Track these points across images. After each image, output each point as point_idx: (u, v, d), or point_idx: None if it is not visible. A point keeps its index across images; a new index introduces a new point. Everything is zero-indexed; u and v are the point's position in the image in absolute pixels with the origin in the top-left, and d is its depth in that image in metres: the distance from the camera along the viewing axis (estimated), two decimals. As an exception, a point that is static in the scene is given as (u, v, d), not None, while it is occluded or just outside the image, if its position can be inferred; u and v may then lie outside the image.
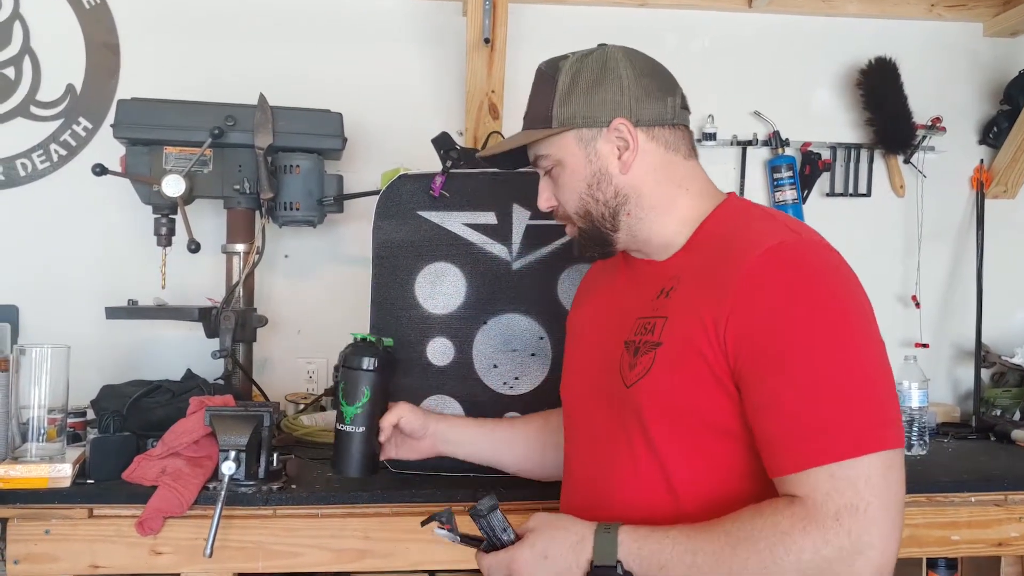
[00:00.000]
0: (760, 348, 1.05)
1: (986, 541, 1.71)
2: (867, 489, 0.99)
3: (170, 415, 1.67)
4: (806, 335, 1.04)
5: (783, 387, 1.04)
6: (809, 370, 1.03)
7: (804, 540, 1.00)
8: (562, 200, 1.27)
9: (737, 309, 1.07)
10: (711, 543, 1.05)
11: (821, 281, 1.08)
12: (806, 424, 1.02)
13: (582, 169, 1.22)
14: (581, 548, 1.11)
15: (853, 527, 0.99)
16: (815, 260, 1.10)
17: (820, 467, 1.01)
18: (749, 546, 1.02)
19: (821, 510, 1.00)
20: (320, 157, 2.03)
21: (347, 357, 1.50)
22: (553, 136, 1.23)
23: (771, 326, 1.05)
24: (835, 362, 1.03)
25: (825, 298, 1.06)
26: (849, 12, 2.48)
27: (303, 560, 1.54)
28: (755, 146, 2.46)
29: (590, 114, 1.21)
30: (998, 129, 2.50)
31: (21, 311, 2.19)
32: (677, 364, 1.11)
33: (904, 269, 2.51)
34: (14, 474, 1.49)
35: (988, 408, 2.32)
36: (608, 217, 1.23)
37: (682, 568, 1.06)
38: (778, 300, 1.06)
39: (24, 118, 2.24)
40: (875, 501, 0.99)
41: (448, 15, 2.35)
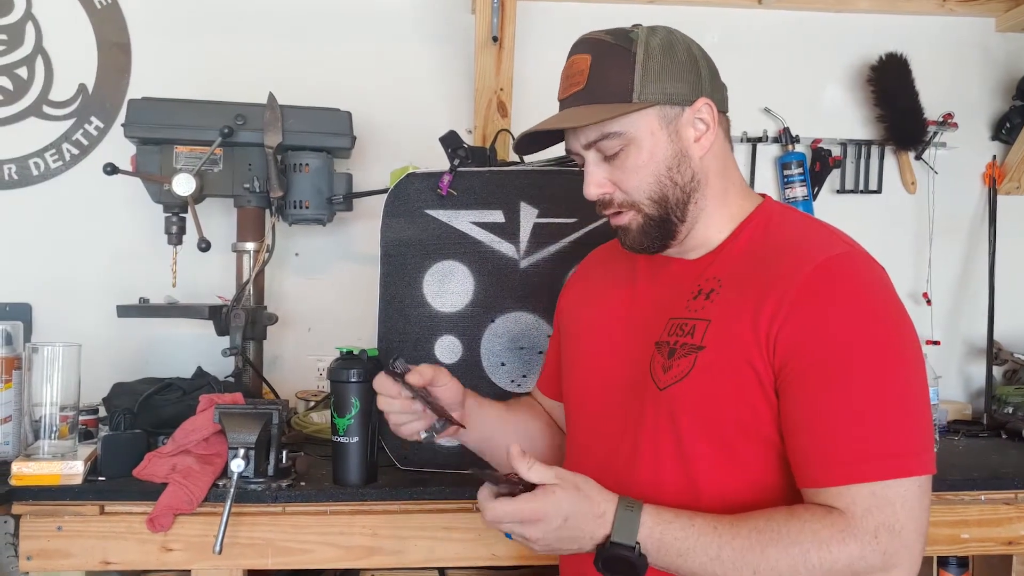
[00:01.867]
0: (810, 359, 1.04)
1: (996, 539, 1.70)
2: (904, 512, 1.00)
3: (181, 413, 1.69)
4: (858, 351, 1.04)
5: (830, 400, 1.03)
6: (858, 386, 1.03)
7: (840, 551, 1.00)
8: (630, 185, 1.16)
9: (791, 318, 1.05)
10: (739, 538, 1.03)
11: (876, 298, 1.07)
12: (852, 439, 1.02)
13: (663, 149, 1.14)
14: (601, 522, 1.06)
15: (888, 547, 1.00)
16: (870, 276, 1.09)
17: (864, 484, 1.01)
18: (781, 548, 1.01)
19: (860, 525, 1.00)
20: (329, 155, 2.04)
21: (333, 371, 1.55)
22: (632, 113, 1.13)
23: (823, 338, 1.04)
24: (885, 381, 1.03)
25: (879, 316, 1.06)
26: (860, 8, 2.47)
27: (312, 557, 1.55)
28: (765, 143, 2.45)
29: (675, 91, 1.14)
30: (1010, 125, 2.48)
31: (34, 309, 2.21)
32: (722, 370, 1.09)
33: (915, 266, 2.50)
34: (27, 471, 1.51)
35: (1000, 406, 2.30)
36: (681, 204, 1.16)
37: (704, 558, 1.04)
38: (832, 313, 1.05)
39: (37, 118, 2.26)
40: (910, 524, 1.01)
41: (457, 13, 2.35)
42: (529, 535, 1.07)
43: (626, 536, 1.05)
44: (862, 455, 1.02)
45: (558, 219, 1.69)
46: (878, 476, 1.01)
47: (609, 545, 1.05)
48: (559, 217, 1.69)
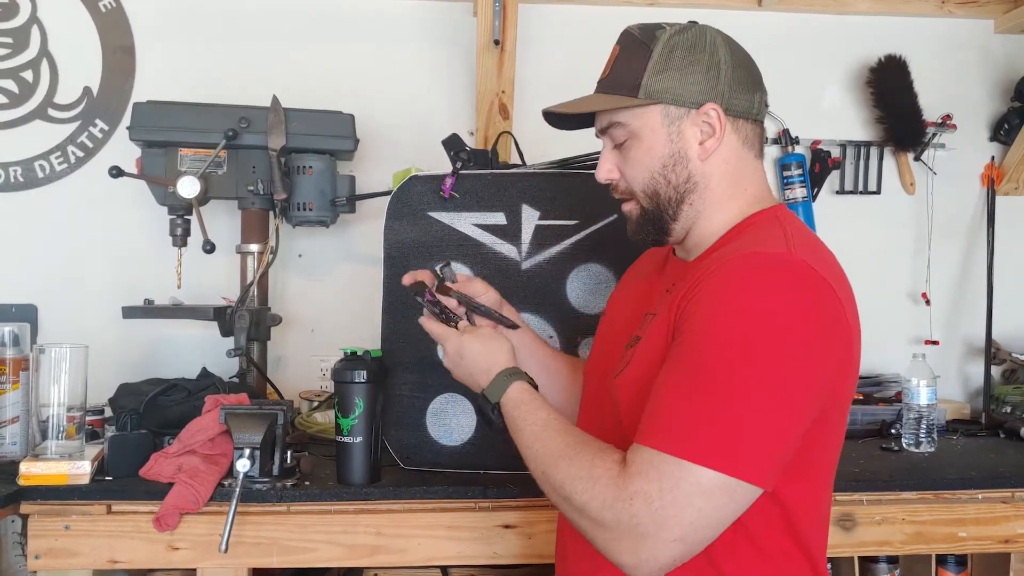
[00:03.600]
0: (686, 334, 1.05)
1: (993, 538, 1.71)
2: (669, 492, 0.98)
3: (186, 413, 1.70)
4: (721, 333, 1.02)
5: (683, 372, 1.03)
6: (703, 366, 1.02)
7: (599, 492, 1.03)
8: (629, 175, 1.20)
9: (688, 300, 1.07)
10: (551, 441, 1.14)
11: (771, 295, 1.03)
12: (667, 407, 1.02)
13: (660, 147, 1.17)
14: (485, 376, 1.26)
15: (639, 514, 0.99)
16: (783, 275, 1.05)
17: (648, 448, 1.01)
18: (566, 464, 1.09)
19: (631, 483, 1.00)
20: (332, 158, 2.05)
21: (337, 372, 1.56)
22: (637, 107, 1.17)
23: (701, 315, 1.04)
24: (731, 373, 1.00)
25: (764, 312, 1.01)
26: (859, 10, 2.48)
27: (316, 555, 1.57)
28: (765, 144, 2.45)
29: (682, 92, 1.15)
30: (1009, 126, 2.50)
31: (39, 310, 2.23)
32: (649, 359, 1.12)
33: (914, 266, 2.51)
34: (35, 471, 1.53)
35: (998, 405, 2.32)
36: (674, 202, 1.18)
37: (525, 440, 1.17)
38: (718, 296, 1.04)
39: (42, 120, 2.28)
40: (670, 505, 0.98)
41: (458, 16, 2.36)
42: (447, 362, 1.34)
43: (491, 394, 1.25)
44: (662, 424, 1.02)
45: (560, 221, 1.70)
46: (662, 447, 0.99)
47: (480, 395, 1.27)
48: (561, 219, 1.70)
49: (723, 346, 1.01)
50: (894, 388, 2.28)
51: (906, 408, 1.99)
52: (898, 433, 2.02)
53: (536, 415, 1.19)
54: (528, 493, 1.55)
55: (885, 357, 2.44)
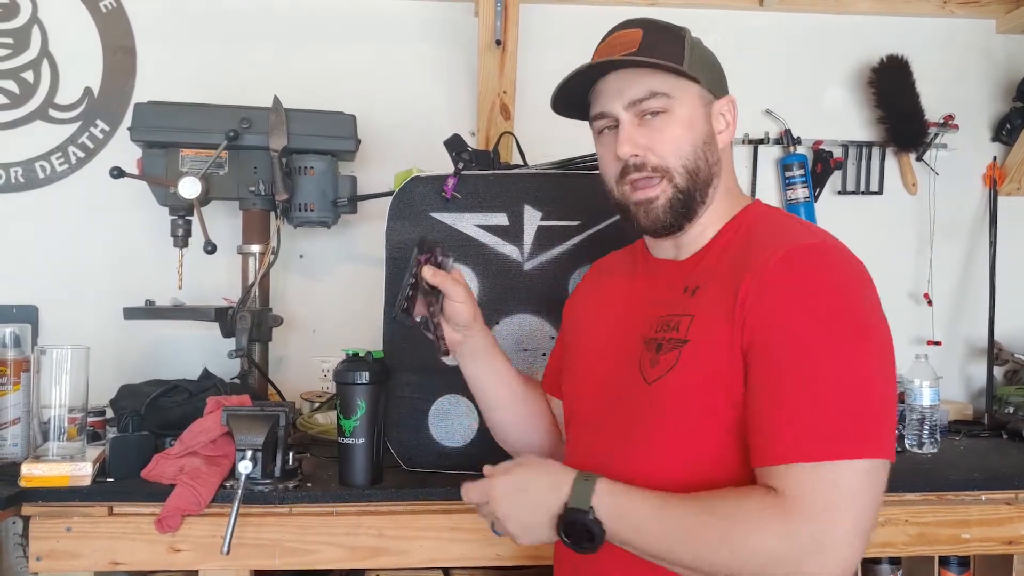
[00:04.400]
0: (771, 340, 1.06)
1: (997, 539, 1.71)
2: (843, 494, 0.99)
3: (187, 414, 1.70)
4: (819, 333, 1.04)
5: (785, 380, 1.04)
6: (815, 368, 1.03)
7: (772, 528, 1.00)
8: (667, 149, 1.18)
9: (757, 303, 1.07)
10: (683, 514, 1.06)
11: (843, 284, 1.08)
12: (799, 420, 1.02)
13: (700, 125, 1.20)
14: (558, 491, 1.10)
15: (821, 527, 0.99)
16: (839, 263, 1.10)
17: (802, 464, 1.01)
18: (719, 526, 1.03)
19: (796, 505, 1.00)
20: (334, 158, 2.05)
21: (339, 373, 1.56)
22: (680, 79, 1.18)
23: (782, 322, 1.05)
24: (841, 365, 1.03)
25: (845, 302, 1.06)
26: (861, 10, 2.48)
27: (318, 557, 1.56)
28: (767, 144, 2.46)
29: (715, 81, 1.23)
30: (1011, 126, 2.49)
31: (40, 311, 2.23)
32: (704, 361, 1.11)
33: (916, 267, 2.51)
34: (36, 473, 1.52)
35: (1000, 406, 2.32)
36: (706, 184, 1.20)
37: (651, 530, 1.06)
38: (797, 295, 1.06)
39: (43, 121, 2.27)
40: (847, 507, 0.99)
41: (460, 16, 2.36)
42: (498, 512, 1.14)
43: (581, 502, 1.08)
44: (804, 436, 1.01)
45: (562, 222, 1.70)
46: (819, 457, 1.00)
47: (567, 511, 1.09)
48: (563, 220, 1.70)
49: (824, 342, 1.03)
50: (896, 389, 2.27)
51: (908, 409, 1.98)
52: (901, 434, 2.02)
53: (643, 496, 1.09)
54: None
55: (887, 358, 2.43)
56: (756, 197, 2.43)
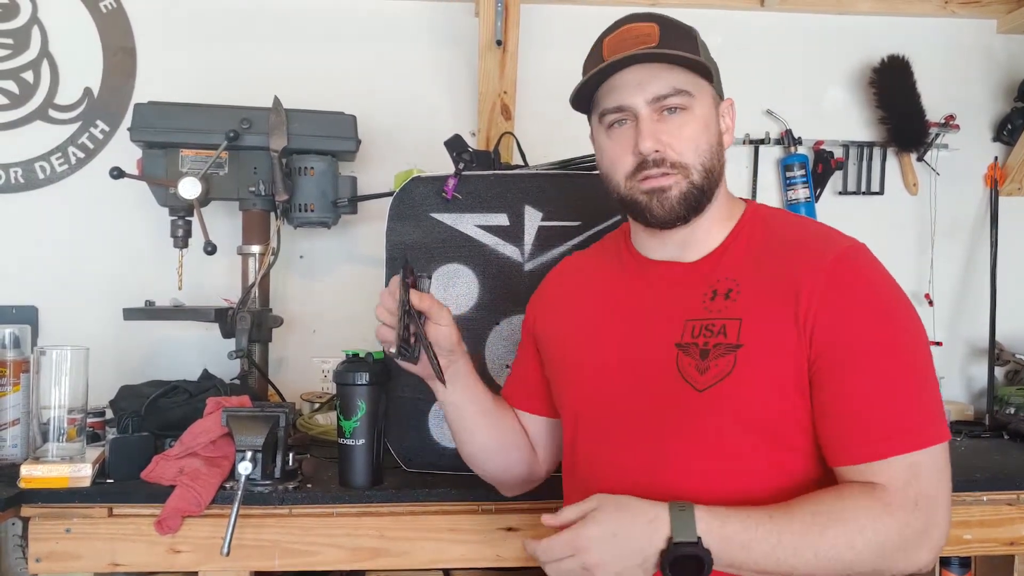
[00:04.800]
0: (839, 342, 1.10)
1: (998, 540, 1.71)
2: (936, 478, 1.08)
3: (187, 415, 1.70)
4: (885, 331, 1.11)
5: (863, 381, 1.09)
6: (885, 365, 1.09)
7: (891, 522, 1.05)
8: (685, 147, 1.17)
9: (823, 307, 1.11)
10: (795, 522, 1.06)
11: (892, 286, 1.15)
12: (886, 416, 1.08)
13: (713, 124, 1.21)
14: (656, 526, 1.05)
15: (928, 512, 1.07)
16: (881, 266, 1.17)
17: (900, 456, 1.07)
18: (839, 527, 1.05)
19: (903, 495, 1.06)
20: (334, 159, 2.04)
21: (339, 374, 1.56)
22: (701, 79, 1.19)
23: (852, 325, 1.10)
24: (906, 359, 1.11)
25: (896, 300, 1.14)
26: (862, 10, 2.47)
27: (319, 558, 1.56)
28: (767, 145, 2.46)
29: (718, 80, 1.24)
30: (1012, 126, 2.49)
31: (40, 312, 2.22)
32: (765, 365, 1.12)
33: (917, 267, 2.51)
34: (36, 474, 1.52)
35: (1002, 406, 2.31)
36: (716, 181, 1.21)
37: (766, 547, 1.04)
38: (858, 298, 1.11)
39: (43, 121, 2.27)
40: (942, 488, 1.08)
41: (460, 16, 2.36)
42: (588, 563, 1.06)
43: (687, 534, 1.04)
44: (896, 430, 1.08)
45: (563, 222, 1.70)
46: (912, 447, 1.07)
47: (673, 546, 1.04)
48: (564, 220, 1.70)
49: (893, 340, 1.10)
50: (897, 389, 2.27)
51: (910, 409, 1.98)
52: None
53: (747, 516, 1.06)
54: (530, 496, 1.54)
55: (888, 358, 2.43)
56: (753, 198, 2.44)
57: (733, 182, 2.42)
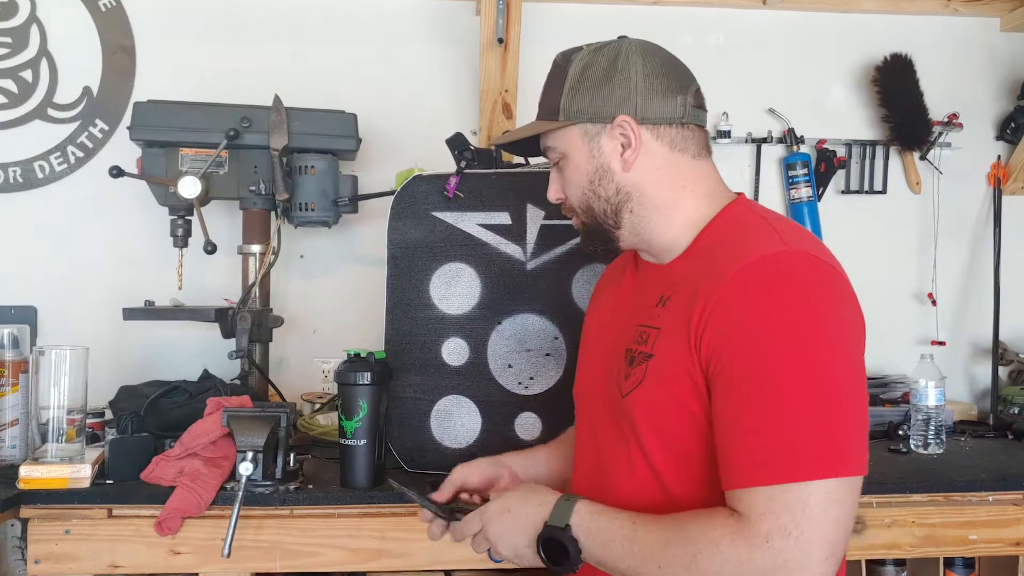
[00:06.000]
0: (730, 361, 1.04)
1: (1004, 540, 1.70)
2: (802, 516, 0.97)
3: (187, 416, 1.69)
4: (777, 352, 1.01)
5: (745, 402, 1.02)
6: (772, 388, 1.01)
7: (730, 553, 0.99)
8: (568, 193, 1.25)
9: (712, 320, 1.05)
10: (650, 534, 1.06)
11: (801, 298, 1.04)
12: (756, 442, 1.01)
13: (585, 164, 1.20)
14: (542, 510, 1.14)
15: (781, 550, 0.97)
16: (799, 275, 1.05)
17: (760, 487, 0.99)
18: (680, 546, 1.03)
19: (753, 528, 0.99)
20: (335, 158, 2.04)
21: (341, 374, 1.55)
22: (560, 129, 1.20)
23: (737, 339, 1.03)
24: (801, 384, 1.00)
25: (802, 317, 1.03)
26: (864, 8, 2.46)
27: (320, 560, 1.55)
28: (770, 143, 2.45)
29: (595, 109, 1.17)
30: (1015, 125, 2.48)
31: (39, 312, 2.21)
32: (667, 377, 1.10)
33: (920, 266, 2.50)
34: (34, 475, 1.51)
35: (1006, 406, 2.30)
36: (610, 214, 1.20)
37: (620, 550, 1.08)
38: (753, 314, 1.03)
39: (42, 120, 2.26)
40: (808, 528, 0.97)
41: (461, 15, 2.35)
42: (490, 536, 1.18)
43: (559, 519, 1.11)
44: (760, 459, 1.00)
45: (565, 221, 1.67)
46: (774, 480, 0.98)
47: (545, 528, 1.12)
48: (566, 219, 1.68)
49: (782, 361, 1.01)
50: (901, 389, 2.26)
51: (914, 409, 1.97)
52: (906, 435, 2.01)
53: (616, 517, 1.10)
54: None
55: (891, 358, 2.43)
56: (755, 197, 2.43)
57: (735, 181, 2.43)
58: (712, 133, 2.41)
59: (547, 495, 1.16)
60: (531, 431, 1.68)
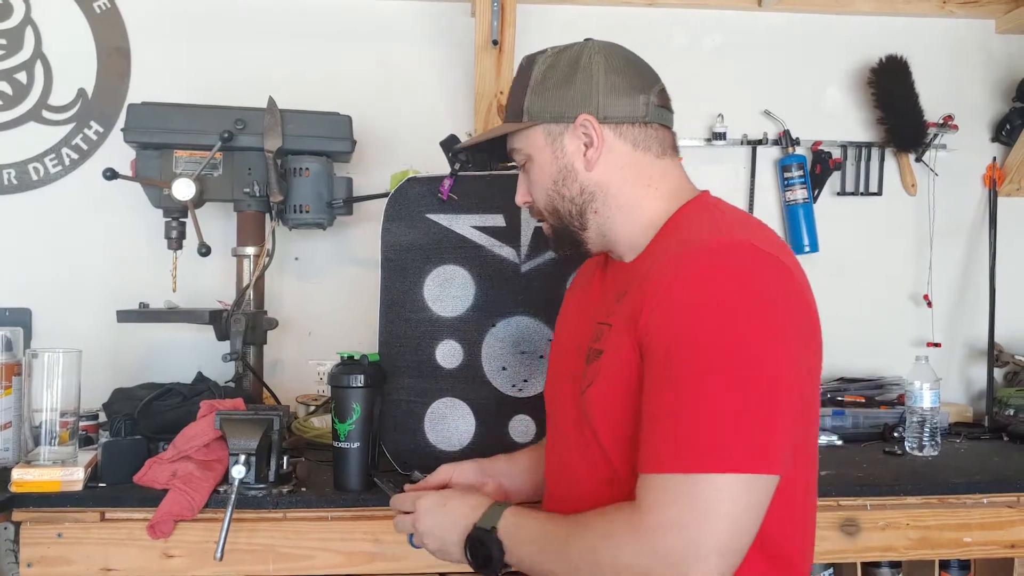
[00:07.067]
0: (657, 346, 1.03)
1: (999, 543, 1.70)
2: (690, 509, 0.96)
3: (181, 418, 1.68)
4: (697, 340, 1.00)
5: (661, 388, 1.02)
6: (688, 376, 0.99)
7: (624, 544, 0.99)
8: (534, 196, 1.26)
9: (646, 309, 1.05)
10: (560, 530, 1.09)
11: (731, 286, 1.02)
12: (663, 429, 1.00)
13: (549, 165, 1.21)
14: (475, 512, 1.18)
15: (675, 543, 0.96)
16: (733, 264, 1.03)
17: (657, 475, 0.99)
18: (583, 542, 1.05)
19: (647, 518, 0.98)
20: (329, 160, 2.03)
21: (334, 376, 1.55)
22: (524, 130, 1.22)
23: (669, 325, 1.02)
24: (715, 373, 0.98)
25: (727, 305, 1.00)
26: (860, 10, 2.46)
27: (313, 563, 1.55)
28: (765, 145, 2.45)
29: (558, 110, 1.19)
30: (1011, 126, 2.48)
31: (33, 314, 2.21)
32: (614, 373, 1.11)
33: (916, 268, 2.50)
34: (27, 478, 1.51)
35: (1001, 408, 2.30)
36: (575, 215, 1.21)
37: (535, 548, 1.11)
38: (680, 300, 1.02)
39: (36, 122, 2.25)
40: (693, 523, 0.96)
41: (456, 16, 2.35)
42: (419, 527, 1.24)
43: (486, 522, 1.16)
44: (663, 446, 0.99)
45: (559, 223, 1.68)
46: (674, 468, 0.97)
47: (474, 529, 1.17)
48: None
49: (696, 351, 1.00)
50: (896, 391, 2.26)
51: (909, 411, 1.97)
52: (901, 436, 2.01)
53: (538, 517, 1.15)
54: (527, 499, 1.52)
55: (887, 360, 2.43)
56: (751, 198, 2.43)
57: (730, 183, 2.44)
58: (707, 135, 2.41)
59: (483, 499, 1.21)
60: (525, 434, 1.67)
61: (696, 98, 2.41)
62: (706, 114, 2.42)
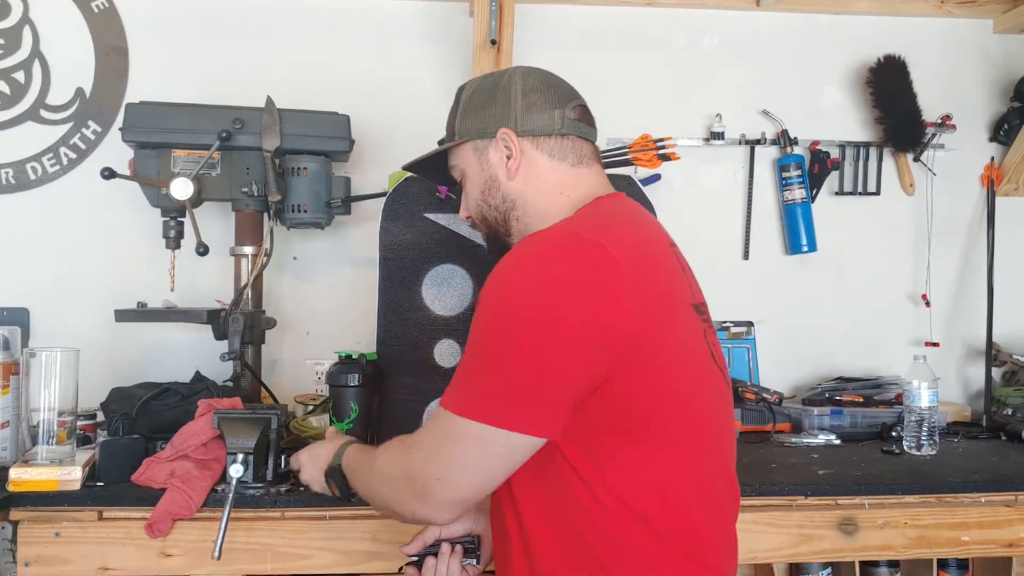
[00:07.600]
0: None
1: (997, 542, 1.70)
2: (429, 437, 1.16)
3: (179, 417, 1.68)
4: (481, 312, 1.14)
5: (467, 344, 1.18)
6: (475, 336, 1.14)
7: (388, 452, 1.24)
8: (468, 208, 1.37)
9: None
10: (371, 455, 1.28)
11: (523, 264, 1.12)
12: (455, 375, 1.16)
13: (477, 177, 1.33)
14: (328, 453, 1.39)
15: (414, 457, 1.17)
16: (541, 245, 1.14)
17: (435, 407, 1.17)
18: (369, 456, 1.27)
19: (411, 437, 1.20)
20: (327, 159, 2.03)
21: (332, 375, 1.55)
22: (457, 148, 1.35)
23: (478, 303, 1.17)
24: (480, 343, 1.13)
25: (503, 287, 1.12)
26: (858, 10, 2.47)
27: (311, 562, 1.55)
28: (763, 145, 2.45)
29: (482, 126, 1.31)
30: (1009, 126, 2.48)
31: (31, 313, 2.21)
32: None
33: (914, 268, 2.50)
34: (24, 477, 1.51)
35: (999, 407, 2.30)
36: (501, 222, 1.32)
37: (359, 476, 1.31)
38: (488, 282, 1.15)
39: (34, 122, 2.25)
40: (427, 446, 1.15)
41: (454, 16, 2.35)
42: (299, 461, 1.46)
43: (335, 460, 1.36)
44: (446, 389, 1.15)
45: (557, 222, 1.68)
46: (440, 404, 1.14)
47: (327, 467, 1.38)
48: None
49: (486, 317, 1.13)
50: (894, 390, 2.26)
51: (907, 411, 1.97)
52: (899, 436, 2.01)
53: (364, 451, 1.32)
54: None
55: (885, 359, 2.43)
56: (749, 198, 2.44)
57: (729, 183, 2.44)
58: (705, 134, 2.41)
59: (340, 442, 1.40)
60: (523, 433, 1.67)
61: (694, 98, 2.41)
62: (704, 114, 2.42)
